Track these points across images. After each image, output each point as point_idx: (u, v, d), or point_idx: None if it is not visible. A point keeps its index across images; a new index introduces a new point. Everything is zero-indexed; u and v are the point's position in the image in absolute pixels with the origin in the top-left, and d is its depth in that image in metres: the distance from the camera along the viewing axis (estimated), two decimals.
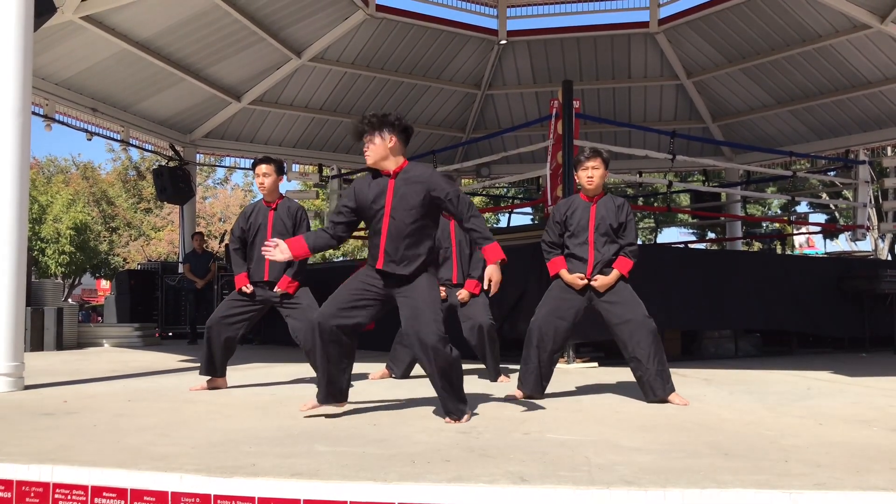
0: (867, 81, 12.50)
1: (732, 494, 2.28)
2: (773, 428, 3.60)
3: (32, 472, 2.61)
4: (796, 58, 12.66)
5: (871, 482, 2.42)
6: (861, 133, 13.40)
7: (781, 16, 12.02)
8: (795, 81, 13.20)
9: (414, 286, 3.80)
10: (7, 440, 3.18)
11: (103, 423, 3.68)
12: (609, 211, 4.72)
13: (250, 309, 5.18)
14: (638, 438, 3.29)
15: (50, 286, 11.05)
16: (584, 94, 13.75)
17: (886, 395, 4.99)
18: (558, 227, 4.83)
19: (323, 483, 2.40)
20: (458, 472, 2.56)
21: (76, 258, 27.09)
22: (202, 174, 30.19)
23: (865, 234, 12.49)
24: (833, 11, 11.42)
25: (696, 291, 8.02)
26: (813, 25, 11.96)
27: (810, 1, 11.41)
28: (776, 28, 12.32)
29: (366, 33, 12.98)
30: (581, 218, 4.75)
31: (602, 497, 2.29)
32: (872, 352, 9.00)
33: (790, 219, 13.05)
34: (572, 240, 4.75)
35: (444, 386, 3.75)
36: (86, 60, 10.89)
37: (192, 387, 5.21)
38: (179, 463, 2.68)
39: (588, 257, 4.67)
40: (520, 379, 4.77)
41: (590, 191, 4.78)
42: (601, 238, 4.69)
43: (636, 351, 4.54)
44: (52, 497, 2.57)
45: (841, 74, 12.63)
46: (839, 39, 11.89)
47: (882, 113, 12.89)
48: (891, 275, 9.08)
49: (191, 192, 13.74)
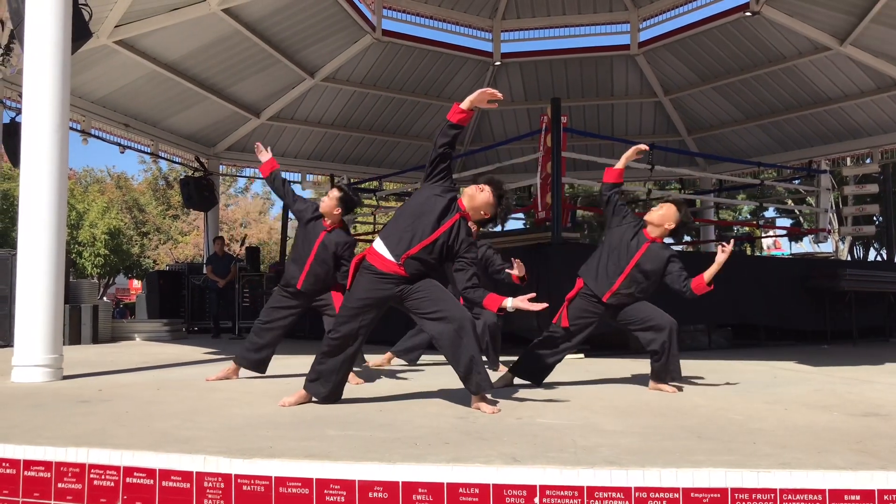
0: (828, 98, 12.52)
1: (705, 473, 2.27)
2: (743, 413, 3.59)
3: (70, 454, 2.61)
4: (764, 77, 12.68)
5: (831, 462, 2.42)
6: (823, 145, 13.41)
7: (750, 39, 12.04)
8: (763, 98, 13.22)
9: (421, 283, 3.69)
10: (47, 425, 3.18)
11: (134, 409, 3.67)
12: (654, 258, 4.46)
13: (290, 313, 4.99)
14: (620, 423, 3.28)
15: (87, 286, 11.03)
16: (571, 110, 13.78)
17: (845, 382, 4.98)
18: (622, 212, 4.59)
19: (334, 464, 2.40)
20: (456, 453, 2.56)
21: (110, 260, 27.07)
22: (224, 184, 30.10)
23: (827, 237, 12.47)
24: (797, 35, 11.45)
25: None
26: (779, 48, 11.98)
27: (776, 25, 11.44)
28: (745, 50, 12.35)
29: (373, 56, 13.00)
30: (630, 243, 4.47)
31: (587, 475, 2.29)
32: (833, 344, 9.00)
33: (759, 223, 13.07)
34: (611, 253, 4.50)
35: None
36: (119, 80, 10.91)
37: (208, 377, 5.10)
38: (203, 445, 2.68)
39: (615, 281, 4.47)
40: (523, 369, 4.65)
41: (654, 231, 4.48)
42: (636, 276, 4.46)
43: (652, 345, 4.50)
44: (87, 477, 2.56)
45: (804, 92, 12.65)
46: (803, 60, 11.93)
47: (842, 127, 12.90)
48: (850, 274, 9.08)
49: (214, 200, 13.74)
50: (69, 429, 3.08)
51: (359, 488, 2.34)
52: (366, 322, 3.67)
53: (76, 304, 9.66)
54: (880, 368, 6.11)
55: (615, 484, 2.27)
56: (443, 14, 13.36)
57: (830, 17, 10.88)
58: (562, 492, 2.27)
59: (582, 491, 2.27)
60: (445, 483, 2.32)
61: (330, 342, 3.67)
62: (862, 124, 12.66)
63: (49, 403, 3.88)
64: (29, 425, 3.17)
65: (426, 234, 3.60)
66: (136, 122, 11.99)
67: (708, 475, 2.27)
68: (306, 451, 2.59)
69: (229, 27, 10.55)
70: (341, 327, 3.65)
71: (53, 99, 5.10)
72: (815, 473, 2.27)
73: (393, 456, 2.49)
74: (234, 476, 2.42)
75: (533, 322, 6.93)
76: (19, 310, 5.02)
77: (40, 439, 2.78)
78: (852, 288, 9.01)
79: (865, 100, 12.11)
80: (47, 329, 4.98)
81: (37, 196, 5.02)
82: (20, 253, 5.06)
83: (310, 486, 2.36)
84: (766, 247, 27.19)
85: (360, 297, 3.65)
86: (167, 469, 2.49)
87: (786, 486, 2.24)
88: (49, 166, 5.06)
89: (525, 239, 8.18)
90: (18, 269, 5.06)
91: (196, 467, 2.46)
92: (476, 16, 13.65)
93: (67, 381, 4.97)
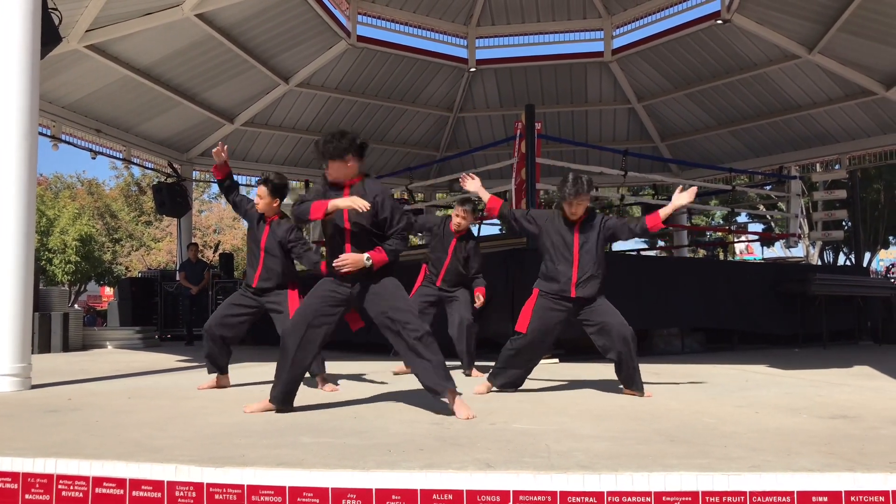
0: (798, 105, 12.73)
1: (676, 477, 2.29)
2: (715, 416, 3.63)
3: (38, 464, 2.57)
4: (735, 84, 12.86)
5: (800, 464, 2.45)
6: (793, 151, 13.63)
7: (722, 47, 12.21)
8: (734, 105, 13.40)
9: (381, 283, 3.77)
10: (14, 435, 3.12)
11: (105, 418, 3.62)
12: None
13: (247, 312, 4.99)
14: (594, 427, 3.30)
15: (57, 293, 10.87)
16: (546, 116, 13.86)
17: (815, 385, 5.06)
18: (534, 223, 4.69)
19: (307, 471, 2.39)
20: (431, 459, 2.56)
21: (82, 267, 26.70)
22: (198, 190, 29.90)
23: (798, 242, 12.65)
24: (767, 43, 11.63)
25: (647, 294, 8.08)
26: (749, 55, 12.16)
27: (746, 33, 11.61)
28: (717, 58, 12.52)
29: (348, 61, 12.98)
30: (564, 235, 4.57)
31: (560, 481, 2.30)
32: (804, 347, 9.12)
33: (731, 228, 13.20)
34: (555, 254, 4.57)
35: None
36: (90, 86, 10.77)
37: (200, 385, 5.07)
38: (175, 455, 2.65)
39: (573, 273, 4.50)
40: (500, 377, 4.69)
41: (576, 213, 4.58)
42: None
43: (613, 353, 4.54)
44: (55, 487, 2.52)
45: (774, 99, 12.85)
46: (773, 68, 12.12)
47: (811, 133, 13.11)
48: (820, 278, 9.23)
49: (187, 206, 13.60)
50: (37, 439, 3.03)
51: (332, 496, 2.33)
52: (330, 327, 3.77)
53: (46, 311, 9.52)
54: (849, 371, 6.21)
55: (588, 489, 2.28)
56: (418, 20, 13.39)
57: (799, 25, 11.06)
58: (535, 497, 2.28)
59: (555, 496, 2.28)
60: (419, 490, 2.31)
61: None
62: (830, 131, 12.89)
63: (16, 413, 3.82)
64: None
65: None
66: (108, 128, 11.84)
67: (679, 479, 2.29)
68: (279, 458, 2.57)
69: (203, 32, 10.47)
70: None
71: (22, 104, 5.02)
72: (784, 476, 2.30)
73: (367, 463, 2.48)
74: (206, 485, 2.40)
75: (509, 328, 6.95)
76: None
77: (7, 450, 2.72)
78: (822, 292, 9.14)
79: (834, 107, 12.33)
80: (15, 337, 4.90)
81: (4, 203, 4.94)
82: None
83: (282, 494, 2.35)
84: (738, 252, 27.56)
85: (317, 302, 3.77)
86: (138, 479, 2.46)
87: (755, 488, 2.27)
88: (17, 172, 4.98)
89: (500, 244, 8.21)
90: None
91: (167, 476, 2.44)
92: (451, 22, 13.69)
93: (36, 391, 4.89)
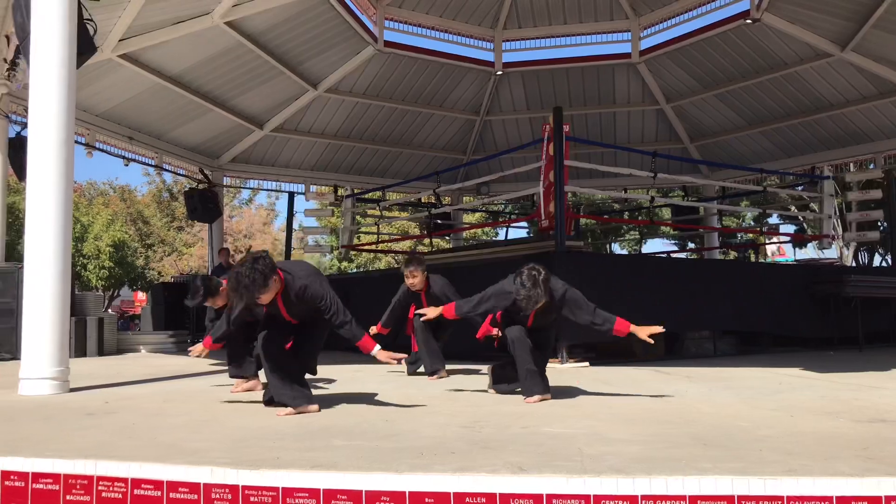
0: (830, 104, 12.53)
1: (711, 481, 2.27)
2: (749, 420, 3.59)
3: (78, 466, 2.62)
4: (765, 84, 12.70)
5: (838, 468, 2.41)
6: (825, 151, 13.40)
7: (751, 46, 12.06)
8: (765, 105, 13.23)
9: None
10: (54, 437, 3.19)
11: (141, 421, 3.68)
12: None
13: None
14: (626, 431, 3.28)
15: (91, 298, 11.04)
16: (574, 118, 13.82)
17: (851, 389, 4.97)
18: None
19: (340, 474, 2.40)
20: (462, 462, 2.56)
21: (115, 272, 27.13)
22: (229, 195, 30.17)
23: (831, 243, 12.45)
24: (798, 42, 11.48)
25: (679, 296, 8.01)
26: (780, 54, 12.01)
27: (777, 32, 11.47)
28: (747, 57, 12.37)
29: (375, 67, 13.05)
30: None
31: (594, 484, 2.29)
32: (839, 350, 8.96)
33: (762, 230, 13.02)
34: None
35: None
36: (123, 94, 10.96)
37: (233, 388, 5.12)
38: (210, 457, 2.69)
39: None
40: (499, 379, 4.76)
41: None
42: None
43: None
44: (95, 489, 2.57)
45: (806, 98, 12.66)
46: (804, 67, 11.95)
47: (844, 132, 12.89)
48: (855, 280, 9.06)
49: (218, 211, 13.76)
50: (76, 441, 3.09)
51: (366, 498, 2.34)
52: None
53: (81, 316, 9.68)
54: (886, 374, 6.09)
55: (622, 492, 2.27)
56: (444, 25, 13.42)
57: (831, 23, 10.90)
58: (568, 500, 2.28)
59: (588, 499, 2.27)
60: (452, 493, 2.32)
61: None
62: (864, 130, 12.66)
63: (56, 416, 3.89)
64: (37, 438, 3.18)
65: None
66: (140, 135, 12.02)
67: (714, 482, 2.27)
68: (313, 461, 2.59)
69: (232, 39, 10.61)
70: None
71: (59, 113, 5.13)
72: (822, 480, 2.26)
73: (399, 465, 2.50)
74: (242, 487, 2.42)
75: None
76: (26, 323, 5.04)
77: (48, 452, 2.79)
78: (857, 294, 8.98)
79: (868, 105, 12.11)
80: (54, 342, 5.00)
81: (43, 210, 5.05)
82: (27, 266, 5.08)
83: (317, 497, 2.37)
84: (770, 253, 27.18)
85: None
86: (175, 481, 2.49)
87: (793, 493, 2.24)
88: (55, 180, 5.08)
89: (529, 248, 8.19)
90: (25, 282, 5.09)
91: (203, 479, 2.47)
92: (477, 26, 13.71)
93: (74, 394, 4.98)
